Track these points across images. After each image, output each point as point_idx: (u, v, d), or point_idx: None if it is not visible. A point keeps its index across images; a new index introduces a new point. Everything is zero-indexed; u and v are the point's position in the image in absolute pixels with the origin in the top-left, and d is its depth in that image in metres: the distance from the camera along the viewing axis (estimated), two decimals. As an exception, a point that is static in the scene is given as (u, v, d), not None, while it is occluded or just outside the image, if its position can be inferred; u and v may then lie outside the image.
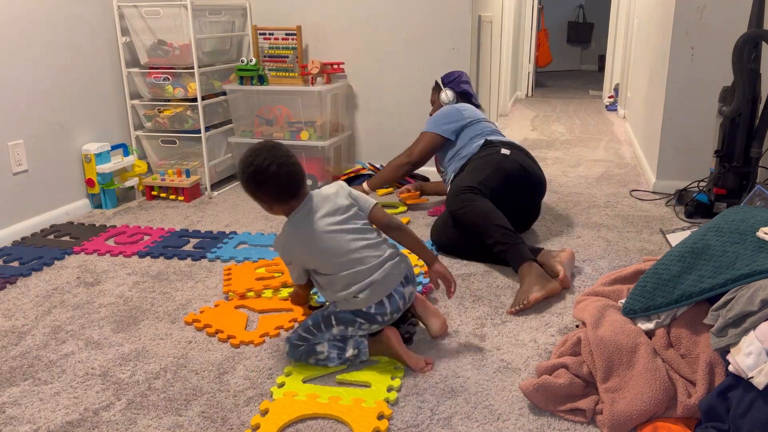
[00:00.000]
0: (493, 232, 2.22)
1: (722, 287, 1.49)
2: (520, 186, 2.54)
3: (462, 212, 2.33)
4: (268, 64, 3.57)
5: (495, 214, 2.27)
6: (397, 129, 3.66)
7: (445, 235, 2.47)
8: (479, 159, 2.60)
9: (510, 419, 1.48)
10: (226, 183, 3.58)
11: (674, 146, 3.17)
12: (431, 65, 3.49)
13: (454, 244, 2.45)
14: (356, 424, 1.45)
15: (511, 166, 2.53)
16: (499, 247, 2.21)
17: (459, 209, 2.34)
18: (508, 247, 2.18)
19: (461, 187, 2.40)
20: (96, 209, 3.15)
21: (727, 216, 1.70)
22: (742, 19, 2.66)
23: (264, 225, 2.88)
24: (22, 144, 2.77)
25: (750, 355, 1.28)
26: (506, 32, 5.65)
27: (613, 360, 1.51)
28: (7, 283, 2.27)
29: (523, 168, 2.55)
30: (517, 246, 2.18)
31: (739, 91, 2.56)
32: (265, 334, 1.88)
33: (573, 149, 4.45)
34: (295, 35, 3.51)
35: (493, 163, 2.53)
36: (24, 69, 2.75)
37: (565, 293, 2.12)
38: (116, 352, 1.82)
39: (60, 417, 1.52)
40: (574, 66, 10.15)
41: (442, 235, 2.48)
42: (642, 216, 2.91)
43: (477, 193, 2.36)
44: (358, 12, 3.54)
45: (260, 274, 2.29)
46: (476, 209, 2.30)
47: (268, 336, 1.88)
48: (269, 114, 3.50)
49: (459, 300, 2.09)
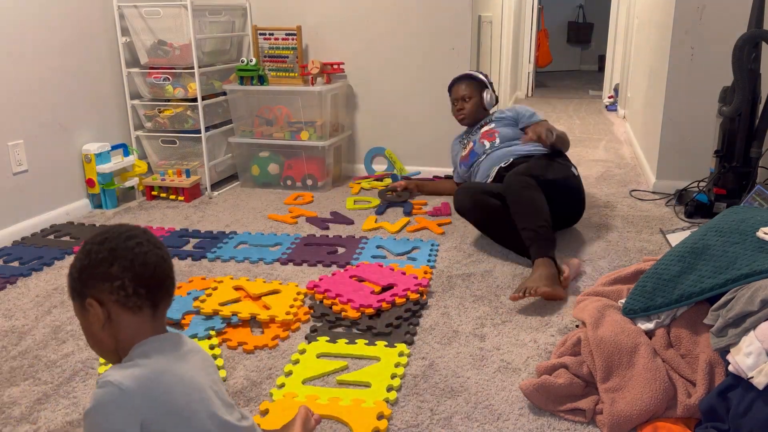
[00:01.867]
0: (539, 219, 2.25)
1: (722, 287, 1.49)
2: (567, 205, 2.60)
3: (526, 187, 2.35)
4: (268, 64, 3.56)
5: (547, 208, 2.32)
6: (398, 129, 3.66)
7: (472, 201, 2.49)
8: (556, 164, 2.61)
9: (510, 419, 1.48)
10: (226, 183, 3.58)
11: (674, 146, 3.17)
12: (431, 65, 3.49)
13: (476, 211, 2.49)
14: (356, 424, 1.45)
15: (575, 185, 2.62)
16: (534, 232, 2.23)
17: (525, 184, 2.36)
18: (542, 234, 2.22)
19: (535, 174, 2.42)
20: (96, 209, 3.15)
21: (727, 216, 1.70)
22: (742, 19, 2.65)
23: (264, 225, 2.88)
24: (22, 144, 2.77)
25: (750, 355, 1.28)
26: (506, 32, 5.65)
27: (613, 360, 1.51)
28: (7, 283, 2.27)
29: (581, 192, 2.65)
30: (550, 239, 2.22)
31: (739, 91, 2.56)
32: (277, 336, 1.87)
33: (573, 149, 4.44)
34: (295, 35, 3.51)
35: (561, 174, 2.56)
36: (24, 69, 2.75)
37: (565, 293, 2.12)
38: (116, 352, 1.82)
39: (60, 417, 1.52)
40: (574, 66, 10.14)
41: (468, 200, 2.50)
42: (642, 216, 2.91)
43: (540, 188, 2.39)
44: (358, 12, 3.54)
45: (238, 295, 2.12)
46: (537, 194, 2.34)
47: (279, 338, 1.87)
48: (269, 114, 3.50)
49: (459, 300, 2.10)
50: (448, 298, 2.12)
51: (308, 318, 1.99)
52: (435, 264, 2.40)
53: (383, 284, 2.11)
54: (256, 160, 3.49)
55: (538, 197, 2.33)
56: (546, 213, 2.30)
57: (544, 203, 2.33)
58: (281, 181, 3.49)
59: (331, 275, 2.22)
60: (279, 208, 3.14)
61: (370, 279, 2.16)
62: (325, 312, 2.00)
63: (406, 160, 3.68)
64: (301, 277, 2.30)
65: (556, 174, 2.52)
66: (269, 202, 3.23)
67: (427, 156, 3.63)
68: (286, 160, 3.48)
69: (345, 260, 2.42)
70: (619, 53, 5.95)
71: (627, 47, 5.53)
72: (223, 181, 3.60)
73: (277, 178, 3.50)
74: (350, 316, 1.95)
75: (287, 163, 3.47)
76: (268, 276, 2.30)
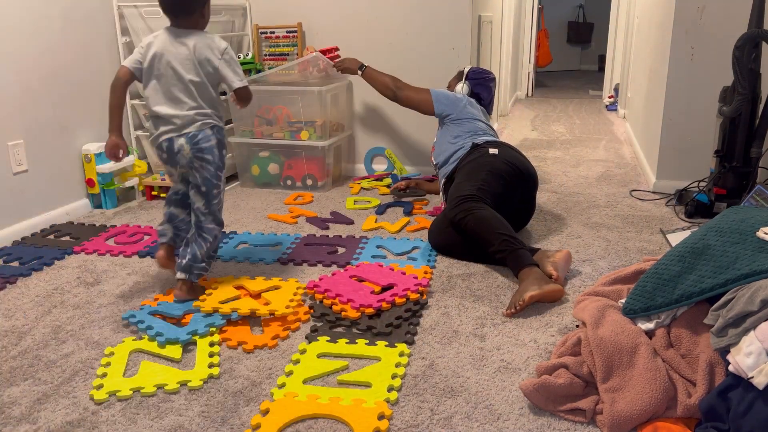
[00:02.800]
0: (494, 240, 2.21)
1: (722, 287, 1.49)
2: (514, 184, 2.55)
3: (464, 222, 2.31)
4: (269, 62, 3.57)
5: (496, 221, 2.27)
6: (398, 129, 3.66)
7: (443, 237, 2.47)
8: (470, 163, 2.61)
9: (510, 419, 1.48)
10: (227, 183, 3.57)
11: (674, 146, 3.17)
12: (431, 65, 3.49)
13: (451, 246, 2.45)
14: (357, 424, 1.45)
15: (502, 165, 2.55)
16: (500, 255, 2.20)
17: (461, 219, 2.32)
18: (508, 253, 2.18)
19: (460, 196, 2.39)
20: (96, 209, 3.15)
21: (727, 216, 1.70)
22: (742, 19, 2.66)
23: (264, 225, 2.88)
24: (22, 144, 2.77)
25: (750, 355, 1.28)
26: (506, 32, 5.65)
27: (613, 360, 1.51)
28: (7, 283, 2.27)
29: (514, 165, 2.57)
30: (517, 252, 2.17)
31: (739, 91, 2.56)
32: (276, 336, 1.87)
33: (573, 149, 4.45)
34: (296, 32, 3.51)
35: (485, 166, 2.54)
36: (24, 69, 2.75)
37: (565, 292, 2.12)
38: (116, 352, 1.82)
39: (60, 417, 1.52)
40: (574, 66, 10.15)
41: (440, 237, 2.48)
42: (642, 216, 2.91)
43: (477, 200, 2.36)
44: (358, 12, 3.54)
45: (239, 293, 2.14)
46: (477, 217, 2.28)
47: (279, 337, 1.87)
48: (269, 114, 3.50)
49: (459, 300, 2.10)
50: (448, 298, 2.12)
51: (308, 318, 1.99)
52: (435, 264, 2.40)
53: (383, 284, 2.11)
54: (256, 160, 3.49)
55: (481, 216, 2.28)
56: (499, 224, 2.25)
57: (492, 216, 2.28)
58: (281, 181, 3.49)
59: (331, 275, 2.22)
60: (279, 208, 3.14)
61: (370, 279, 2.16)
62: (325, 312, 2.00)
63: (406, 160, 3.68)
64: (302, 276, 2.30)
65: (480, 173, 2.50)
66: (269, 202, 3.23)
67: (427, 156, 3.62)
68: (286, 160, 3.48)
69: (345, 260, 2.42)
70: (619, 53, 5.95)
71: (627, 47, 5.53)
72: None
73: (277, 178, 3.50)
74: (350, 316, 1.95)
75: (287, 163, 3.47)
76: (268, 276, 2.30)
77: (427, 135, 3.59)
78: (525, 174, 2.60)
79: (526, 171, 2.60)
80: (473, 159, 2.63)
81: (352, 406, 1.52)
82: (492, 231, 2.24)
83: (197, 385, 1.63)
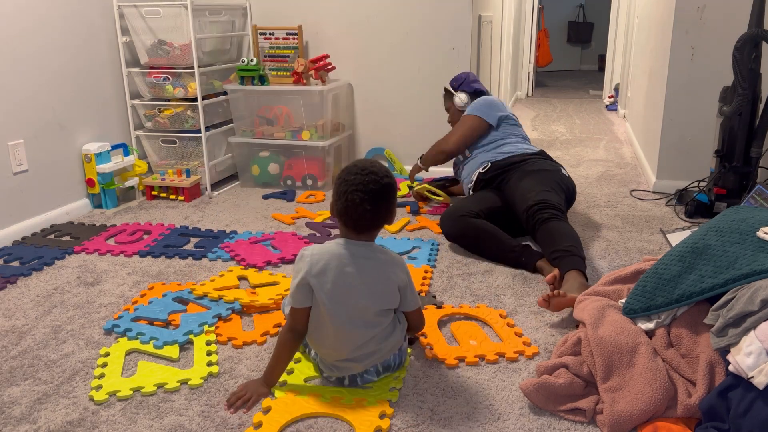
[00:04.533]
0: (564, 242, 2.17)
1: (722, 287, 1.49)
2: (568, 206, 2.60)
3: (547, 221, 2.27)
4: (269, 63, 3.57)
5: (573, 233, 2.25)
6: (398, 129, 3.66)
7: (457, 227, 2.47)
8: (546, 173, 2.56)
9: (510, 419, 1.48)
10: (227, 183, 3.58)
11: (674, 146, 3.17)
12: (431, 65, 3.49)
13: (464, 237, 2.47)
14: (358, 423, 1.45)
15: (571, 187, 2.61)
16: (560, 254, 2.14)
17: (547, 219, 2.27)
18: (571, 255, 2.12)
19: (546, 201, 2.34)
20: (96, 209, 3.15)
21: (728, 216, 1.70)
22: (742, 19, 2.66)
23: (264, 225, 2.88)
24: (22, 144, 2.77)
25: (750, 354, 1.28)
26: (506, 32, 5.65)
27: (613, 360, 1.51)
28: (8, 283, 2.27)
29: (574, 190, 2.65)
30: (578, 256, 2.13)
31: (739, 91, 2.56)
32: (266, 332, 1.88)
33: (573, 149, 4.45)
34: (296, 35, 3.51)
35: (561, 183, 2.55)
36: (24, 69, 2.75)
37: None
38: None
39: (60, 417, 1.53)
40: (574, 66, 10.14)
41: (454, 226, 2.49)
42: (642, 216, 2.91)
43: (561, 213, 2.33)
44: (358, 12, 3.54)
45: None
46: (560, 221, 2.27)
47: (269, 334, 1.88)
48: (269, 114, 3.50)
49: (459, 300, 2.09)
50: (448, 297, 2.12)
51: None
52: (435, 264, 2.40)
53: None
54: (256, 159, 3.49)
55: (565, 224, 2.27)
56: (574, 236, 2.22)
57: (572, 230, 2.26)
58: (281, 180, 3.49)
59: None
60: (279, 207, 3.14)
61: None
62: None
63: (406, 160, 3.68)
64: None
65: (557, 190, 2.48)
66: (269, 202, 3.23)
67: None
68: (286, 160, 3.48)
69: (345, 260, 2.42)
70: (620, 53, 5.95)
71: (627, 47, 5.53)
72: (223, 180, 3.60)
73: (277, 178, 3.49)
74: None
75: (287, 163, 3.47)
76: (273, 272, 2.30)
77: (427, 135, 3.58)
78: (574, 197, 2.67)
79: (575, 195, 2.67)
80: (548, 169, 2.59)
81: (354, 404, 1.52)
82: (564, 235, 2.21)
83: (198, 384, 1.63)
